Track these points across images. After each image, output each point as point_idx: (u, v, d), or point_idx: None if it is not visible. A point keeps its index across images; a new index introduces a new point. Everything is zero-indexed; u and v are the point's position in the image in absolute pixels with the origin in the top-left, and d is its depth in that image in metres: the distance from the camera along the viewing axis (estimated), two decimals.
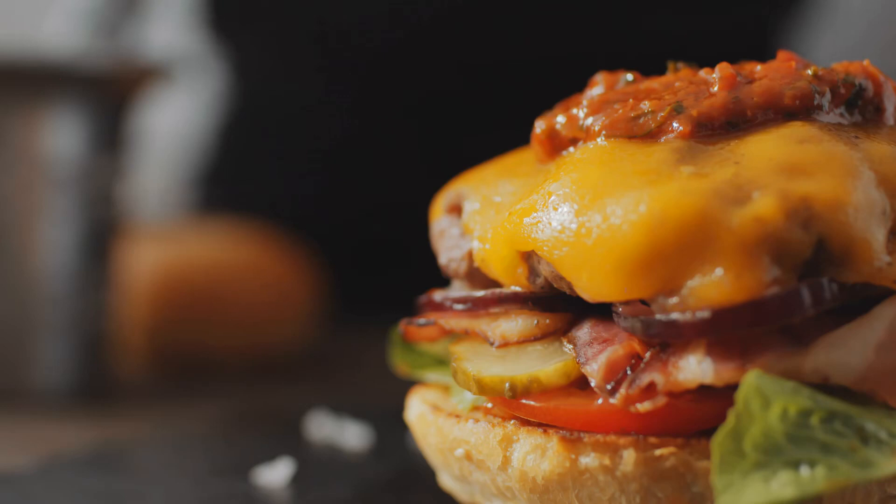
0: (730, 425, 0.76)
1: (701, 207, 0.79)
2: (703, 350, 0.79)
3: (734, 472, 0.75)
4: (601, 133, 0.87)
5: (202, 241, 1.60)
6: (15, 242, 1.29)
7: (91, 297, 1.32)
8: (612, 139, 0.86)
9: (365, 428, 1.15)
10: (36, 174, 1.29)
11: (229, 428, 1.22)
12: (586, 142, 0.88)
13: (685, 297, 0.79)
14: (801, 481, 0.74)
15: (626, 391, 0.81)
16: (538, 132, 0.90)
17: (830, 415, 0.77)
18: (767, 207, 0.79)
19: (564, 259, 0.82)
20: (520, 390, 0.85)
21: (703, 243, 0.79)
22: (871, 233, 0.80)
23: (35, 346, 1.30)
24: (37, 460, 1.07)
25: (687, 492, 0.81)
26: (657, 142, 0.85)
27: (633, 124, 0.86)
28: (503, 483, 0.86)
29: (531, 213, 0.84)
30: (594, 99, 0.90)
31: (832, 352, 0.79)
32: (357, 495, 0.98)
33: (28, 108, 1.28)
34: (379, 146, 1.81)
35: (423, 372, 0.99)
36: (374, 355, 1.31)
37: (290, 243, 1.66)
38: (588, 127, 0.88)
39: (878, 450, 0.76)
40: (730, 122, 0.85)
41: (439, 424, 0.89)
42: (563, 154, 0.89)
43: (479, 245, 0.89)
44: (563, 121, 0.89)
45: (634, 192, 0.81)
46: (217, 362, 1.50)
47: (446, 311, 0.92)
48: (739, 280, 0.78)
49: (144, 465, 1.10)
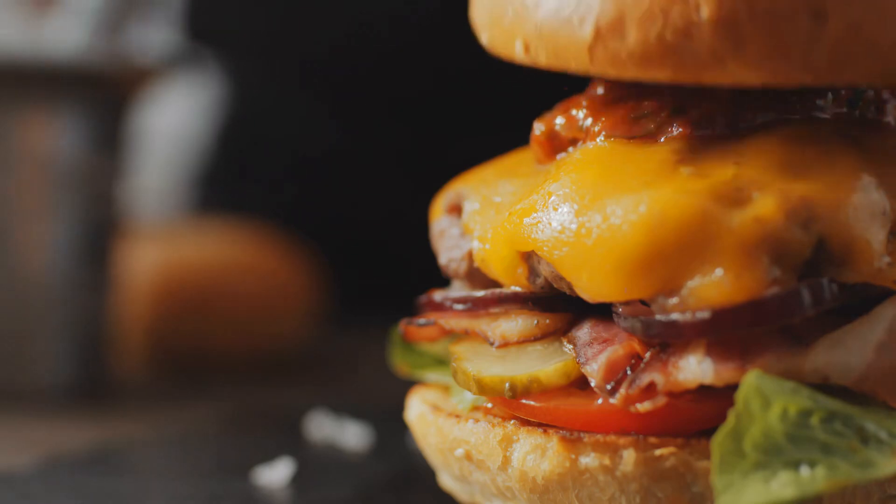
0: (730, 425, 0.76)
1: (701, 208, 0.79)
2: (703, 350, 0.79)
3: (734, 472, 0.75)
4: (601, 134, 0.87)
5: (202, 242, 1.60)
6: (15, 242, 1.29)
7: (91, 296, 1.32)
8: (612, 140, 0.86)
9: (365, 428, 1.15)
10: (36, 174, 1.29)
11: (229, 428, 1.22)
12: (586, 142, 0.88)
13: (685, 297, 0.79)
14: (801, 481, 0.74)
15: (625, 391, 0.81)
16: (537, 133, 0.90)
17: (830, 415, 0.77)
18: (767, 207, 0.79)
19: (564, 259, 0.82)
20: (520, 390, 0.85)
21: (703, 243, 0.79)
22: (871, 233, 0.80)
23: (35, 346, 1.30)
24: (37, 460, 1.07)
25: (687, 492, 0.81)
26: (657, 142, 0.85)
27: (632, 125, 0.86)
28: (503, 483, 0.86)
29: (531, 213, 0.84)
30: (594, 100, 0.90)
31: (832, 352, 0.79)
32: (357, 495, 0.98)
33: (28, 108, 1.28)
34: (379, 146, 1.81)
35: (423, 372, 0.99)
36: (374, 355, 1.30)
37: (289, 243, 1.66)
38: (588, 128, 0.88)
39: (879, 450, 0.76)
40: (730, 122, 0.85)
41: (439, 424, 0.89)
42: (562, 155, 0.89)
43: (479, 245, 0.89)
44: (563, 122, 0.89)
45: (634, 192, 0.81)
46: (217, 362, 1.50)
47: (446, 311, 0.92)
48: (739, 280, 0.78)
49: (144, 465, 1.10)
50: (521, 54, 0.86)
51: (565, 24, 0.83)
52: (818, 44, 0.80)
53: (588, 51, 0.83)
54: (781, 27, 0.80)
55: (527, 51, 0.86)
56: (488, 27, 0.89)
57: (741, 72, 0.80)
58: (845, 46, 0.80)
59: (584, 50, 0.83)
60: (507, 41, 0.87)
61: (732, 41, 0.80)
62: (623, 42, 0.81)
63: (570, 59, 0.84)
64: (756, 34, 0.80)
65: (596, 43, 0.82)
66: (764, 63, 0.80)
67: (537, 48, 0.85)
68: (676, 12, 0.80)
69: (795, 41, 0.80)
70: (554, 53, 0.84)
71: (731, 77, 0.81)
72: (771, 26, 0.80)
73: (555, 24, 0.84)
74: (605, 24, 0.82)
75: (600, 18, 0.82)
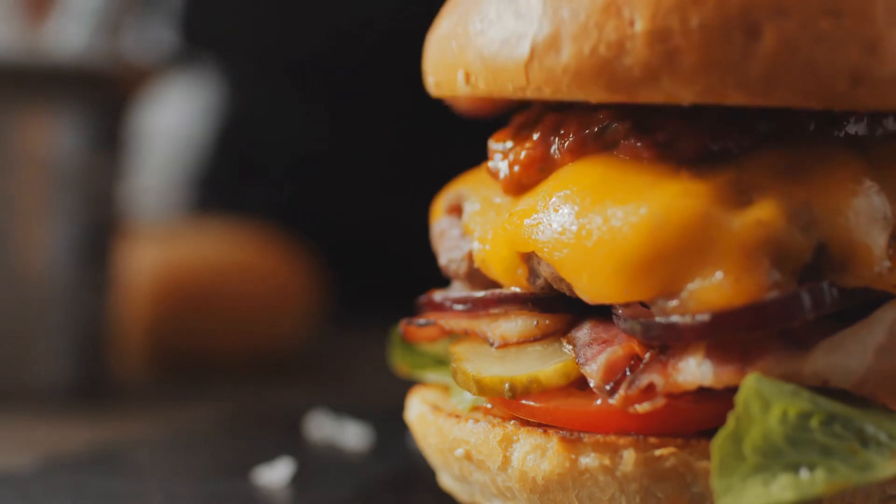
0: (729, 428, 0.76)
1: (702, 210, 0.79)
2: (703, 352, 0.79)
3: (734, 475, 0.75)
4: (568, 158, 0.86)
5: (202, 242, 1.60)
6: (15, 242, 1.29)
7: (91, 296, 1.32)
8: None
9: (365, 428, 1.15)
10: (36, 174, 1.29)
11: (229, 428, 1.22)
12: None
13: (685, 299, 0.79)
14: (800, 484, 0.74)
15: (625, 392, 0.81)
16: (501, 178, 0.89)
17: (830, 417, 0.77)
18: (769, 211, 0.79)
19: (565, 261, 0.82)
20: (519, 391, 0.85)
21: (704, 246, 0.79)
22: (872, 237, 0.80)
23: (35, 346, 1.30)
24: (37, 460, 1.07)
25: (687, 492, 0.81)
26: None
27: (596, 142, 0.86)
28: (503, 483, 0.86)
29: (532, 214, 0.84)
30: (543, 127, 0.89)
31: (832, 355, 0.79)
32: (357, 495, 0.98)
33: (28, 108, 1.28)
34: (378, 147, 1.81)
35: (423, 372, 0.99)
36: (374, 355, 1.31)
37: (289, 244, 1.67)
38: (554, 157, 0.87)
39: (878, 452, 0.76)
40: (699, 149, 0.85)
41: (439, 424, 0.89)
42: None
43: (480, 246, 0.89)
44: (521, 168, 0.88)
45: (635, 194, 0.81)
46: (217, 362, 1.50)
47: (446, 312, 0.92)
48: (739, 283, 0.78)
49: (144, 465, 1.10)
50: (462, 84, 0.87)
51: (504, 46, 0.84)
52: (752, 59, 0.79)
53: (525, 69, 0.83)
54: (715, 41, 0.79)
55: (467, 80, 0.86)
56: (434, 68, 0.90)
57: (675, 88, 0.79)
58: (781, 64, 0.78)
59: (521, 69, 0.83)
60: (449, 74, 0.88)
61: (666, 54, 0.79)
62: (558, 58, 0.82)
63: (507, 80, 0.84)
64: (690, 48, 0.79)
65: (532, 60, 0.83)
66: (698, 78, 0.79)
67: (477, 75, 0.86)
68: (611, 26, 0.81)
69: (729, 56, 0.79)
70: (493, 78, 0.85)
71: (665, 94, 0.80)
72: (705, 40, 0.79)
73: (494, 47, 0.85)
74: (541, 40, 0.82)
75: (537, 36, 0.82)
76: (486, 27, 0.86)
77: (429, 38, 0.93)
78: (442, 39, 0.90)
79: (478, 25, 0.86)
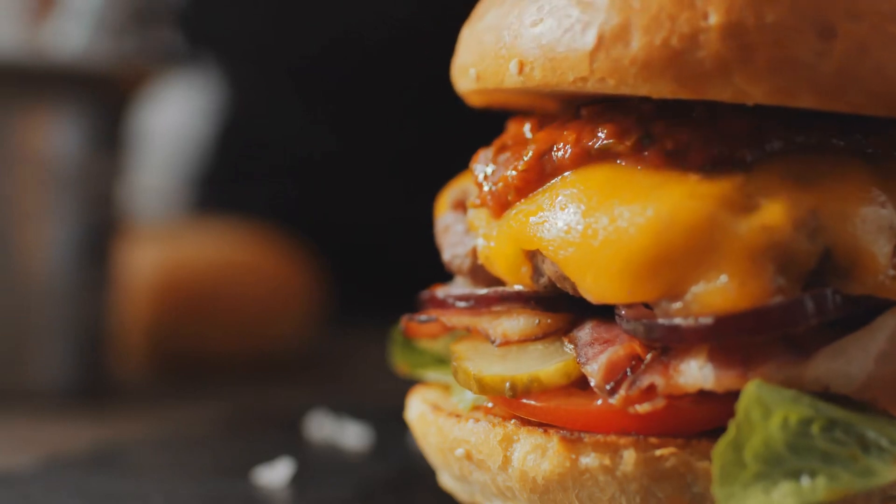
0: (730, 436, 0.76)
1: (708, 213, 0.79)
2: (705, 356, 0.79)
3: (735, 483, 0.75)
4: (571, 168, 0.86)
5: (202, 242, 1.60)
6: (15, 242, 1.29)
7: (91, 296, 1.32)
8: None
9: (365, 428, 1.15)
10: (36, 174, 1.29)
11: (229, 428, 1.22)
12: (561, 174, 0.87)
13: (689, 302, 0.79)
14: (801, 491, 0.74)
15: (625, 392, 0.81)
16: (490, 202, 0.89)
17: (831, 423, 0.77)
18: (775, 216, 0.79)
19: (569, 259, 0.82)
20: (520, 390, 0.85)
21: (710, 249, 0.78)
22: (877, 246, 0.80)
23: (35, 346, 1.30)
24: (37, 460, 1.07)
25: (687, 492, 0.81)
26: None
27: (601, 152, 0.85)
28: (503, 483, 0.86)
29: (538, 212, 0.84)
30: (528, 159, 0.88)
31: (833, 361, 0.79)
32: (357, 495, 0.98)
33: (28, 108, 1.28)
34: (378, 147, 1.81)
35: (424, 371, 0.99)
36: (375, 355, 1.31)
37: (289, 244, 1.67)
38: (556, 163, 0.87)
39: (879, 457, 0.76)
40: (707, 159, 0.84)
41: (439, 424, 0.89)
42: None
43: (484, 242, 0.89)
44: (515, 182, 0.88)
45: (642, 195, 0.81)
46: (217, 362, 1.50)
47: (448, 308, 0.92)
48: (744, 287, 0.78)
49: (144, 465, 1.10)
50: (513, 75, 0.85)
51: (566, 34, 0.83)
52: (825, 59, 0.78)
53: (589, 58, 0.82)
54: (790, 39, 0.78)
55: (521, 70, 0.85)
56: (477, 62, 0.89)
57: (745, 84, 0.78)
58: (852, 66, 0.78)
59: (585, 58, 0.82)
60: (498, 65, 0.87)
61: (740, 49, 0.79)
62: (627, 48, 0.81)
63: (568, 70, 0.82)
64: (764, 44, 0.78)
65: (598, 50, 0.81)
66: (770, 76, 0.78)
67: (533, 65, 0.84)
68: (684, 18, 0.80)
69: (803, 54, 0.78)
70: (552, 67, 0.83)
71: (733, 91, 0.79)
72: (780, 38, 0.78)
73: (555, 35, 0.83)
74: (609, 30, 0.81)
75: (605, 25, 0.81)
76: (545, 16, 0.84)
77: (467, 30, 0.91)
78: (489, 30, 0.88)
79: (535, 15, 0.85)
